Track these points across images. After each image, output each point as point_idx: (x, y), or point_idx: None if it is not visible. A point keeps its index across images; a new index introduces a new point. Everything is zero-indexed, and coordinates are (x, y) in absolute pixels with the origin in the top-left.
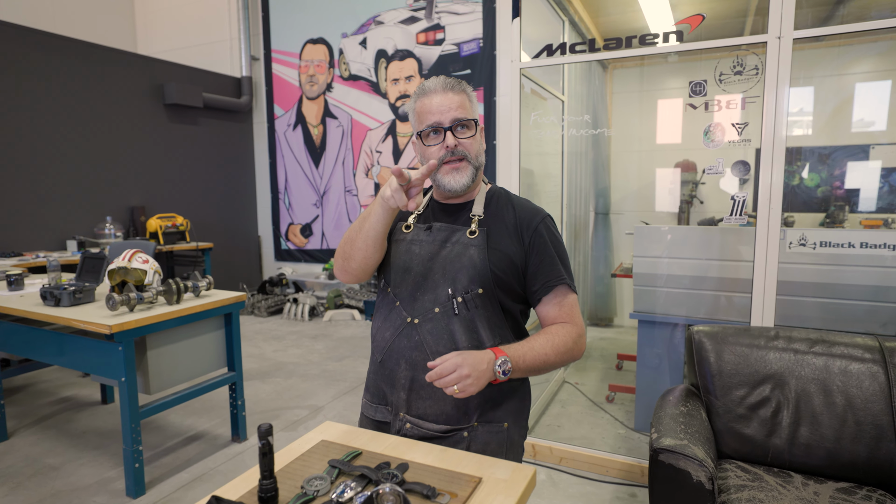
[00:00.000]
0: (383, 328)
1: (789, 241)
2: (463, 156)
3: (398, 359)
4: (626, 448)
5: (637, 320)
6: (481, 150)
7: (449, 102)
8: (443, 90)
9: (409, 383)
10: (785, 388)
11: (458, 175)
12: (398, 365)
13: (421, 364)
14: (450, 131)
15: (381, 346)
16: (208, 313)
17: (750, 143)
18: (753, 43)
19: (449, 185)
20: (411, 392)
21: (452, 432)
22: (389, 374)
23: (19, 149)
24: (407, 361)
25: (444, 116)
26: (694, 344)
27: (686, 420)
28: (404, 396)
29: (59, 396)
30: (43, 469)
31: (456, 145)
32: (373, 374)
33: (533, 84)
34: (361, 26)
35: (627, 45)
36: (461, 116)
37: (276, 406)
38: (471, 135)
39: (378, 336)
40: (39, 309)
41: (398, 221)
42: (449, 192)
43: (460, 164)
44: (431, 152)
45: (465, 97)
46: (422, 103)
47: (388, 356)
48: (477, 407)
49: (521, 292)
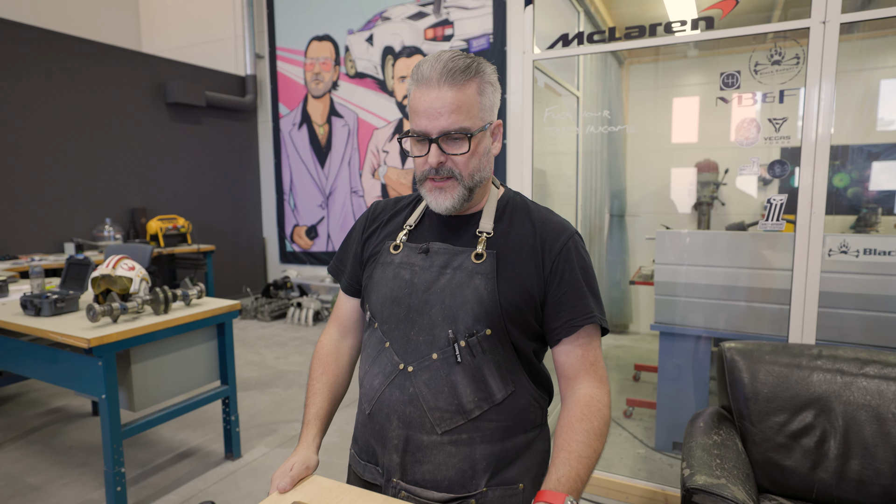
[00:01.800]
0: (371, 373)
1: (829, 249)
2: (450, 175)
3: (389, 414)
4: (646, 471)
5: (658, 332)
6: (483, 164)
7: (441, 103)
8: (438, 82)
9: (402, 444)
10: (831, 414)
11: (441, 196)
12: (389, 421)
13: (416, 422)
14: (435, 144)
15: (370, 395)
16: (199, 323)
17: (789, 139)
18: (793, 29)
19: (432, 205)
20: (406, 454)
21: (456, 501)
22: (379, 430)
23: (17, 148)
24: (400, 418)
25: (433, 124)
26: (726, 362)
27: (721, 452)
28: (397, 459)
29: (50, 407)
30: (23, 489)
31: (441, 163)
32: (360, 426)
33: (546, 78)
34: (368, 22)
35: (651, 33)
36: (454, 127)
37: (274, 419)
38: (462, 151)
39: (366, 382)
40: (17, 319)
41: (385, 240)
42: (434, 210)
43: (446, 182)
44: (417, 163)
45: (474, 89)
46: (413, 97)
47: (377, 409)
48: (486, 468)
49: (538, 328)
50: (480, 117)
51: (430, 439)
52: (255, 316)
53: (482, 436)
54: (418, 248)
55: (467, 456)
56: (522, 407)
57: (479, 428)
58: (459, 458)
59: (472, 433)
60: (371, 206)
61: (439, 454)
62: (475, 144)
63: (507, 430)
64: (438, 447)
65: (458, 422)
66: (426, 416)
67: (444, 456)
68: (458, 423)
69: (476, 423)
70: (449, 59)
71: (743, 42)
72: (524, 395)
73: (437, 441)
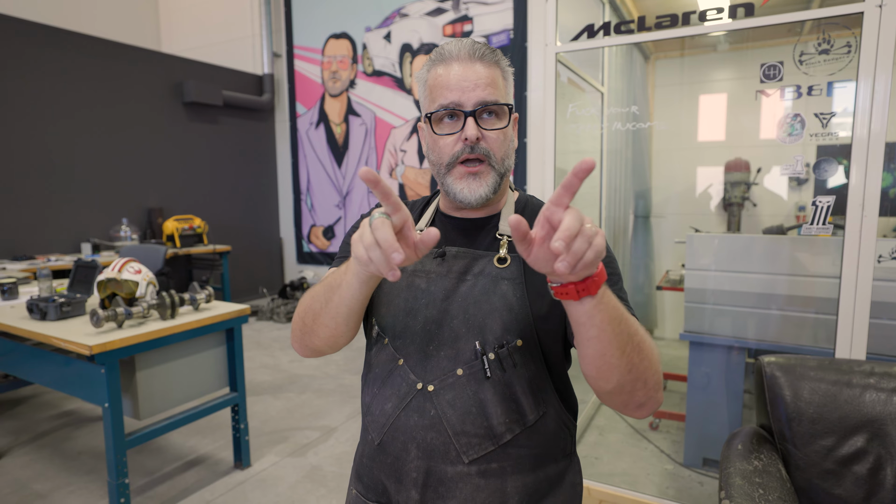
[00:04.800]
0: (381, 396)
1: (878, 255)
2: (485, 155)
3: (405, 443)
4: (675, 489)
5: (688, 341)
6: (511, 151)
7: (475, 76)
8: (469, 58)
9: (422, 477)
10: (886, 439)
11: (475, 183)
12: (406, 451)
13: (440, 451)
14: (472, 117)
15: (380, 422)
16: (207, 329)
17: (836, 136)
18: (845, 14)
19: (462, 195)
20: (426, 490)
21: None
22: (393, 463)
23: (35, 149)
24: (419, 447)
25: (467, 96)
26: (765, 378)
27: (763, 480)
28: (416, 497)
29: (61, 410)
30: (29, 497)
31: (478, 139)
32: (366, 460)
33: (570, 73)
34: (386, 19)
35: (685, 22)
36: (490, 99)
37: (287, 426)
38: (501, 126)
39: (374, 408)
40: (22, 323)
41: None
42: (462, 203)
43: (480, 167)
44: (443, 145)
45: (499, 72)
46: (436, 74)
47: (390, 438)
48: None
49: (566, 336)
50: (508, 97)
51: (455, 470)
52: (270, 317)
53: (513, 465)
54: (433, 252)
55: (498, 489)
56: (553, 432)
57: (509, 455)
58: (489, 491)
59: (502, 462)
60: (376, 205)
61: (466, 487)
62: (505, 130)
63: (539, 458)
64: (465, 479)
65: (488, 448)
66: (451, 443)
67: (472, 490)
68: (487, 450)
69: (507, 450)
70: (471, 41)
71: (779, 33)
72: (554, 418)
73: (463, 472)
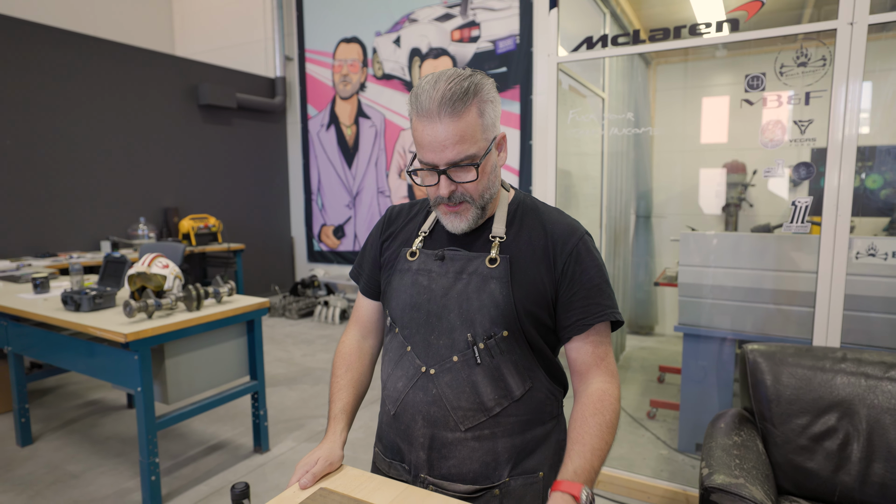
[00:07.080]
0: (395, 376)
1: (856, 251)
2: (463, 199)
3: (414, 414)
4: (669, 472)
5: (682, 333)
6: (491, 184)
7: (446, 136)
8: (438, 115)
9: (428, 441)
10: (854, 417)
11: (456, 220)
12: (414, 421)
13: (441, 421)
14: (444, 175)
15: (394, 397)
16: (230, 320)
17: (815, 141)
18: (821, 31)
19: (448, 227)
20: (432, 451)
21: (482, 492)
22: (405, 429)
23: (56, 150)
24: (424, 418)
25: (439, 157)
26: (748, 364)
27: (741, 453)
28: (424, 456)
29: (87, 399)
30: (63, 477)
31: (452, 192)
32: (385, 426)
33: (571, 80)
34: (395, 24)
35: (676, 35)
36: (459, 157)
37: (301, 414)
38: (471, 179)
39: (389, 385)
40: (58, 314)
41: (402, 248)
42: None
43: (459, 206)
44: (427, 191)
45: (474, 113)
46: (414, 126)
47: (402, 410)
48: (508, 460)
49: (552, 326)
50: (484, 138)
51: (454, 436)
52: (283, 314)
53: (503, 430)
54: (434, 254)
55: (490, 449)
56: (540, 400)
57: (500, 423)
58: (483, 451)
59: (493, 428)
60: (387, 210)
61: (464, 449)
62: (483, 169)
63: (527, 423)
64: (462, 443)
65: (481, 419)
66: (450, 415)
67: (469, 451)
68: (480, 420)
69: (497, 419)
70: (446, 87)
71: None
72: (541, 390)
73: (461, 437)
